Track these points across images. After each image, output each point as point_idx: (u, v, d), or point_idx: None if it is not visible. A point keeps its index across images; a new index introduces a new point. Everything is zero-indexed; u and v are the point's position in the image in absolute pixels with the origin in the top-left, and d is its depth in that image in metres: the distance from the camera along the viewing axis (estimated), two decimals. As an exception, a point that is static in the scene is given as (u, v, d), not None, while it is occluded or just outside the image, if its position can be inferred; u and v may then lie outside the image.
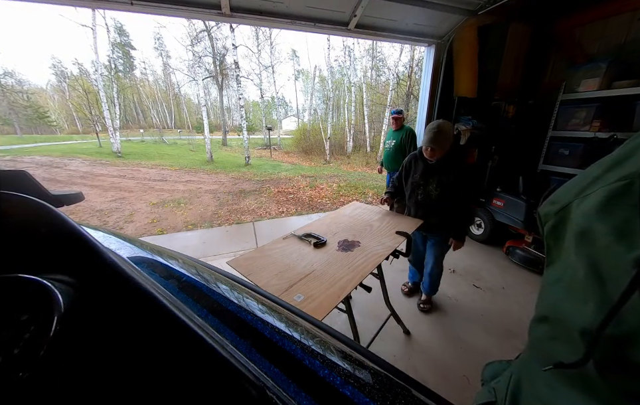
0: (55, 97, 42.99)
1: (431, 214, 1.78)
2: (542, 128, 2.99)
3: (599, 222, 0.25)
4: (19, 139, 23.46)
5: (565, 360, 0.27)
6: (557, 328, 0.31)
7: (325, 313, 0.96)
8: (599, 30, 2.70)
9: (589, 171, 0.30)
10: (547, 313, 0.33)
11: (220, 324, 0.43)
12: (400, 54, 13.57)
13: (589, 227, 0.26)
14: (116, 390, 0.23)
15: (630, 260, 0.22)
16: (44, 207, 0.30)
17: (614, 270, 0.23)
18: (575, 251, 0.28)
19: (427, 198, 1.76)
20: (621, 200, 0.24)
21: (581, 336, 0.26)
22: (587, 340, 0.25)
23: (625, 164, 0.25)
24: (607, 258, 0.24)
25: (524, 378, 0.37)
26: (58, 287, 0.24)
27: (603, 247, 0.24)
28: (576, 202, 0.29)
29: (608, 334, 0.23)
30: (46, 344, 0.21)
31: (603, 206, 0.25)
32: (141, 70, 38.62)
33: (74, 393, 0.21)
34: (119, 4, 2.02)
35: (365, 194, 6.23)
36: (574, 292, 0.28)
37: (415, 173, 1.82)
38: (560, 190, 0.33)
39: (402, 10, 2.52)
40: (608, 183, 0.26)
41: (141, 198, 5.86)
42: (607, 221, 0.24)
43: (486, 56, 2.98)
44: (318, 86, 25.08)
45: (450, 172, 1.67)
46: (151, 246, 0.67)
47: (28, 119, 33.10)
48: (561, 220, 0.32)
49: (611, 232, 0.24)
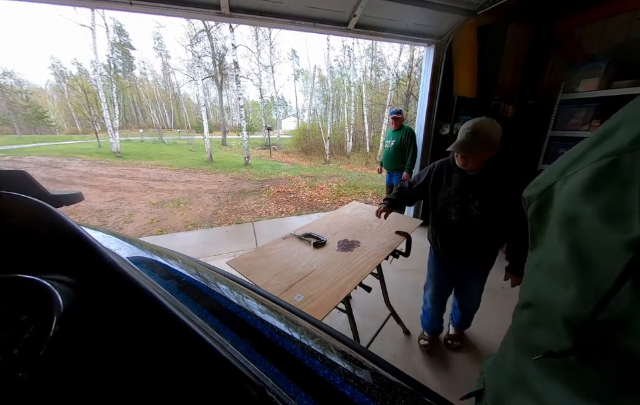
0: (54, 97, 42.93)
1: (470, 238, 1.33)
2: (542, 128, 3.00)
3: (584, 203, 0.23)
4: (18, 139, 23.43)
5: (551, 348, 0.26)
6: (539, 314, 0.30)
7: (325, 313, 0.96)
8: (599, 30, 2.70)
9: (574, 149, 0.28)
10: (530, 298, 0.32)
11: (219, 324, 0.43)
12: (400, 54, 13.59)
13: (574, 209, 0.25)
14: (116, 390, 0.23)
15: (620, 243, 0.20)
16: (43, 207, 0.30)
17: (600, 254, 0.22)
18: (557, 234, 0.27)
19: (465, 218, 1.30)
20: (607, 178, 0.22)
21: (564, 323, 0.25)
22: (574, 327, 0.24)
23: (610, 140, 0.24)
24: (593, 242, 0.22)
25: (504, 363, 0.37)
26: (58, 288, 0.24)
27: (588, 230, 0.23)
28: (559, 183, 0.28)
29: (597, 321, 0.22)
30: (45, 344, 0.21)
31: (588, 186, 0.24)
32: (141, 69, 38.61)
33: (74, 393, 0.21)
34: (118, 4, 2.01)
35: (365, 194, 6.23)
36: (555, 276, 0.27)
37: (449, 185, 1.37)
38: (543, 172, 0.32)
39: (402, 10, 2.52)
40: (593, 161, 0.24)
41: (141, 198, 5.86)
42: (592, 202, 0.23)
43: (485, 56, 2.98)
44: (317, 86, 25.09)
45: (499, 185, 1.21)
46: (150, 246, 0.67)
47: (27, 119, 33.06)
48: (544, 203, 0.30)
49: (597, 213, 0.22)
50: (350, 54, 15.85)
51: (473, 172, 1.27)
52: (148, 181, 7.55)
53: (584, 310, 0.23)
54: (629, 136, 0.22)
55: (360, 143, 15.54)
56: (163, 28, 29.74)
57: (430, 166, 1.52)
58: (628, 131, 0.23)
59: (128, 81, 33.90)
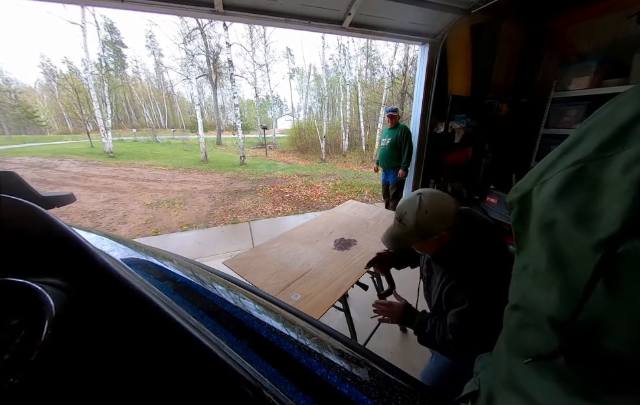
0: (44, 97, 42.01)
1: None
2: (535, 126, 3.04)
3: (557, 209, 0.25)
4: (7, 140, 22.89)
5: (541, 350, 0.27)
6: (528, 316, 0.31)
7: (322, 312, 0.96)
8: (590, 29, 2.75)
9: (549, 155, 0.30)
10: (518, 301, 0.33)
11: (216, 325, 0.43)
12: (395, 52, 13.62)
13: (549, 215, 0.26)
14: (110, 395, 0.23)
15: (590, 245, 0.21)
16: (33, 209, 0.30)
17: (575, 257, 0.23)
18: (538, 238, 0.28)
19: (429, 298, 1.03)
20: (577, 185, 0.23)
21: (550, 324, 0.26)
22: (560, 328, 0.25)
23: (579, 146, 0.25)
24: (568, 245, 0.24)
25: (497, 363, 0.38)
26: (49, 291, 0.24)
27: (563, 234, 0.24)
28: (536, 189, 0.29)
29: (577, 323, 0.23)
30: (37, 349, 0.20)
31: (560, 192, 0.25)
32: (133, 68, 38.00)
33: (66, 398, 0.21)
34: (109, 1, 1.98)
35: (361, 193, 6.25)
36: (539, 279, 0.28)
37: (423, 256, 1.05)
38: (523, 178, 0.33)
39: (396, 9, 2.53)
40: (564, 168, 0.25)
41: (135, 199, 5.78)
42: (564, 208, 0.24)
43: (479, 54, 3.01)
44: (313, 85, 25.04)
45: (452, 275, 0.83)
46: (145, 248, 0.67)
47: (17, 119, 32.33)
48: (523, 208, 0.31)
49: (570, 218, 0.23)
50: (345, 53, 15.83)
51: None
52: (142, 181, 7.46)
53: (565, 312, 0.24)
54: (594, 143, 0.24)
55: (356, 141, 15.56)
56: (156, 26, 29.32)
57: None
58: (594, 139, 0.24)
59: (120, 80, 33.32)
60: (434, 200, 0.79)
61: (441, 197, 0.80)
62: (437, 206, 0.78)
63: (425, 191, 0.81)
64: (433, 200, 0.79)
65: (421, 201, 0.79)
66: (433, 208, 0.78)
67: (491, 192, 3.02)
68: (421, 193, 0.80)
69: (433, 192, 0.80)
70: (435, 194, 0.80)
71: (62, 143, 20.24)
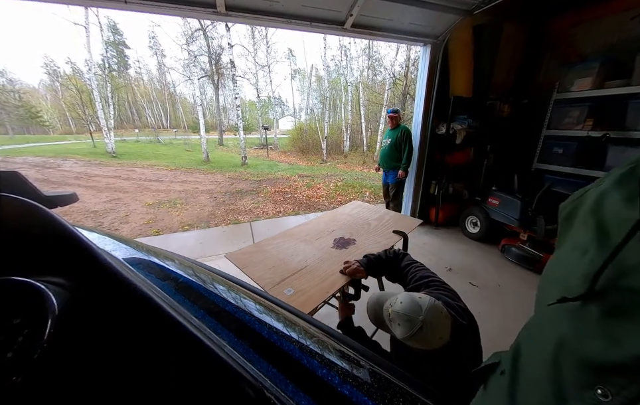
0: (47, 97, 42.26)
1: None
2: (537, 127, 3.03)
3: (614, 190, 0.33)
4: (11, 139, 23.04)
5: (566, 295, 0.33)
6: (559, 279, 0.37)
7: (313, 307, 0.96)
8: (592, 30, 2.74)
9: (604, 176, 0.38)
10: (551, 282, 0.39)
11: (217, 325, 0.43)
12: (396, 53, 13.62)
13: (604, 195, 0.34)
14: (112, 393, 0.23)
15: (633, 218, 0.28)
16: (36, 208, 0.30)
17: (617, 225, 0.30)
18: (583, 223, 0.36)
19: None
20: (629, 178, 0.32)
21: (583, 278, 0.31)
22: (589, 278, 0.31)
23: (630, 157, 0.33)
24: (615, 217, 0.31)
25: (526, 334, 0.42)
26: (52, 290, 0.24)
27: (613, 210, 0.32)
28: (593, 188, 0.37)
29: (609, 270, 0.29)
30: (40, 347, 0.21)
31: (617, 181, 0.33)
32: (136, 69, 38.13)
33: (69, 396, 0.21)
34: (113, 2, 1.99)
35: (362, 194, 6.25)
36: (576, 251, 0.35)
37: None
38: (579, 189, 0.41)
39: (398, 10, 2.53)
40: (621, 168, 0.34)
41: (137, 199, 5.80)
42: (619, 191, 0.32)
43: (481, 55, 3.01)
44: (315, 85, 25.03)
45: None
46: (147, 247, 0.67)
47: (20, 119, 32.56)
48: (576, 206, 0.39)
49: (622, 197, 0.31)
50: (347, 54, 15.85)
51: None
52: (144, 181, 7.49)
53: (599, 261, 0.30)
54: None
55: (357, 142, 15.55)
56: (158, 27, 29.45)
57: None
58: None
59: (123, 81, 33.52)
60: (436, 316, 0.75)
61: (441, 321, 0.76)
62: (441, 323, 0.76)
63: (427, 318, 0.74)
64: (435, 316, 0.75)
65: (422, 330, 0.73)
66: (432, 329, 0.74)
67: (493, 194, 3.00)
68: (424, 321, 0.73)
69: (435, 322, 0.75)
70: (436, 326, 0.75)
71: (64, 143, 20.36)
